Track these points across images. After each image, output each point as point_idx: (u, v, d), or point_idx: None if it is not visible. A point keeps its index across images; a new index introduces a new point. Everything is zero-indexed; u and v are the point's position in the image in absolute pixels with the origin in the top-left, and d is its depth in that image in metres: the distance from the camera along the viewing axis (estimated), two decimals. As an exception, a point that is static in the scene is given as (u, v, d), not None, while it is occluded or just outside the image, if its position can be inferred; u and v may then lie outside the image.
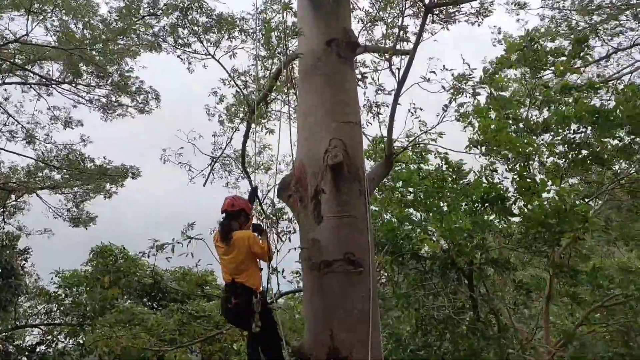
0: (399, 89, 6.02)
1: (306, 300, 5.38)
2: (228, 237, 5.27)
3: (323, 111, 5.74)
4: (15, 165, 18.72)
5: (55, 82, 16.63)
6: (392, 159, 6.29)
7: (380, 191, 10.15)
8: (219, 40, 7.14)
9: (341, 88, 5.96)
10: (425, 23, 6.40)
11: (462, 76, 7.37)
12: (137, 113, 17.01)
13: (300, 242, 5.48)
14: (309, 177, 5.49)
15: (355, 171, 5.43)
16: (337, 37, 6.15)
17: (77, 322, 16.04)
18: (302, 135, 5.87)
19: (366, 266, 5.06)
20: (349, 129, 5.68)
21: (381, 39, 8.18)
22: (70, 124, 17.80)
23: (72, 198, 19.25)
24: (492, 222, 8.80)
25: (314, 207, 5.28)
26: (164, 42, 7.77)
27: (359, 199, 5.36)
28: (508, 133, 8.81)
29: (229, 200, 5.55)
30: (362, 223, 5.27)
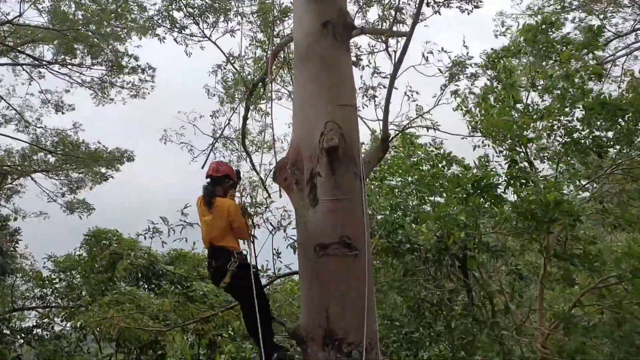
0: (395, 72, 5.99)
1: (302, 282, 5.39)
2: (211, 202, 5.48)
3: (318, 94, 5.70)
4: (10, 148, 18.67)
5: (47, 62, 16.47)
6: (387, 142, 6.28)
7: (371, 181, 10.18)
8: (216, 22, 7.07)
9: (337, 70, 5.91)
10: (422, 5, 6.35)
11: (459, 62, 7.36)
12: (131, 98, 16.87)
13: (296, 225, 5.49)
14: (304, 160, 5.47)
15: (350, 154, 5.41)
16: (333, 19, 6.07)
17: (72, 305, 16.08)
18: (297, 117, 5.84)
19: (362, 249, 5.07)
20: (345, 112, 5.64)
21: (377, 21, 8.13)
22: (62, 108, 17.69)
23: (67, 183, 19.20)
24: (485, 208, 8.82)
25: (310, 190, 5.27)
26: (160, 27, 7.69)
27: (355, 182, 5.35)
28: (503, 120, 8.78)
29: (213, 165, 5.77)
30: (358, 206, 5.27)
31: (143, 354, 15.49)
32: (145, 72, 16.12)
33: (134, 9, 14.36)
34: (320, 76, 5.82)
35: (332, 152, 5.22)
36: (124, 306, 9.99)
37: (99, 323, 9.82)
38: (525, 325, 9.99)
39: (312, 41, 5.98)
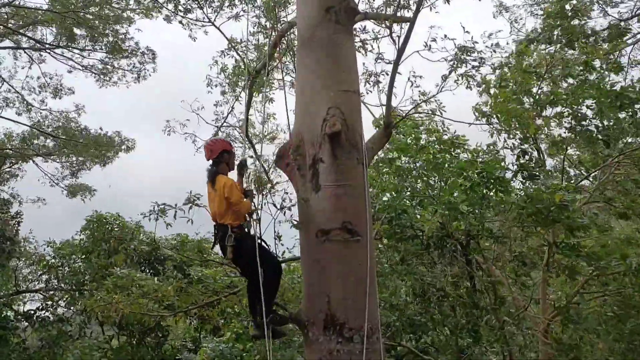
0: (399, 57, 5.96)
1: (304, 268, 5.41)
2: (214, 180, 5.66)
3: (321, 79, 5.67)
4: (10, 131, 18.66)
5: (49, 46, 16.39)
6: (390, 127, 6.26)
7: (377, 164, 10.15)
8: (220, 7, 7.02)
9: (340, 56, 5.87)
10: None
11: (464, 47, 7.30)
12: (134, 81, 16.81)
13: (298, 211, 5.50)
14: (307, 146, 5.46)
15: (353, 140, 5.39)
16: (336, 4, 6.03)
17: (75, 289, 16.16)
18: (300, 103, 5.82)
19: (364, 235, 5.07)
20: (348, 97, 5.62)
21: (382, 7, 8.06)
22: (60, 91, 17.64)
23: (69, 166, 19.21)
24: (490, 197, 8.79)
25: (312, 176, 5.26)
26: (164, 8, 7.64)
27: (357, 167, 5.34)
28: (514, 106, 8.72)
29: (207, 147, 5.88)
30: (360, 192, 5.26)
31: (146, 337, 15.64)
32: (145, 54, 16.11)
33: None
34: (323, 62, 5.78)
35: (334, 138, 5.20)
36: (127, 290, 10.04)
37: (102, 307, 9.89)
38: (526, 314, 10.02)
39: (315, 26, 5.94)
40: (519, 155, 9.34)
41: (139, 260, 15.54)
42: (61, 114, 18.29)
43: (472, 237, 9.28)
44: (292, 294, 9.94)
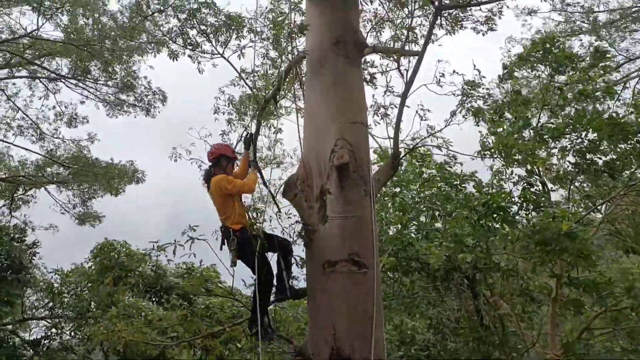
0: (407, 90, 6.02)
1: (310, 299, 5.39)
2: (208, 182, 5.79)
3: (329, 111, 5.74)
4: (24, 159, 18.90)
5: (64, 77, 16.73)
6: (398, 160, 6.29)
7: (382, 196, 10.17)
8: (228, 40, 7.15)
9: (348, 88, 5.95)
10: (434, 25, 6.39)
11: (472, 82, 7.39)
12: (143, 114, 17.13)
13: (305, 242, 5.50)
14: (314, 177, 5.50)
15: (360, 171, 5.43)
16: (345, 37, 6.14)
17: (81, 317, 16.09)
18: (308, 134, 5.88)
19: (370, 267, 5.06)
20: (355, 129, 5.68)
21: (389, 41, 8.18)
22: (75, 121, 17.92)
23: (80, 194, 19.36)
24: (496, 229, 8.77)
25: (319, 207, 5.29)
26: (174, 43, 7.78)
27: (365, 199, 5.36)
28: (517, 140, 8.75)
29: (209, 152, 6.06)
30: (367, 224, 5.27)
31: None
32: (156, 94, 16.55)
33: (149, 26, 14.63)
34: (331, 93, 5.87)
35: (342, 169, 5.24)
36: (132, 320, 10.01)
37: (106, 336, 9.85)
38: (535, 349, 9.87)
39: (324, 58, 6.04)
40: (524, 187, 9.32)
41: (145, 289, 15.49)
42: (74, 142, 18.57)
43: (478, 270, 9.22)
44: (297, 326, 9.85)
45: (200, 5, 7.20)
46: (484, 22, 7.19)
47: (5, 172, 18.93)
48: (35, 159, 18.75)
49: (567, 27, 15.76)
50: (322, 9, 6.41)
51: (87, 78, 16.63)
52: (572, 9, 15.42)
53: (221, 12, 7.19)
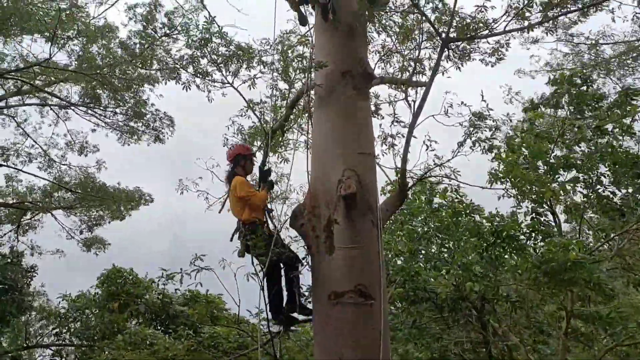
0: (414, 121, 6.05)
1: (316, 330, 5.34)
2: (230, 182, 6.11)
3: (337, 141, 5.78)
4: (32, 185, 19.04)
5: (74, 105, 16.95)
6: (405, 190, 6.29)
7: (391, 223, 10.14)
8: (238, 70, 7.23)
9: (355, 119, 6.00)
10: (441, 57, 6.45)
11: (479, 114, 7.43)
12: (152, 141, 17.30)
13: (311, 272, 5.47)
14: (321, 207, 5.49)
15: (368, 202, 5.43)
16: (353, 68, 6.21)
17: (86, 345, 15.97)
18: (315, 164, 5.90)
19: (377, 298, 5.02)
20: (363, 159, 5.70)
21: (397, 72, 8.25)
22: (86, 149, 18.10)
23: (87, 220, 19.42)
24: (505, 259, 8.71)
25: (326, 237, 5.26)
26: (184, 71, 7.89)
27: (372, 230, 5.35)
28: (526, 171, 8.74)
29: (227, 153, 6.48)
30: (374, 255, 5.25)
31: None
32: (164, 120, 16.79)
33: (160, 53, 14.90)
34: (339, 124, 5.91)
35: (349, 199, 5.24)
36: (138, 348, 9.93)
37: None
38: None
39: (332, 89, 6.10)
40: (534, 218, 9.29)
41: (151, 317, 15.37)
42: (81, 169, 18.73)
43: (487, 300, 9.12)
44: (303, 356, 9.74)
45: (212, 35, 7.31)
46: (491, 54, 7.24)
47: (13, 198, 19.06)
48: (42, 184, 18.90)
49: (575, 59, 15.87)
50: (330, 40, 6.50)
51: (97, 106, 16.84)
52: (577, 40, 15.54)
53: (232, 42, 7.29)
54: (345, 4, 6.57)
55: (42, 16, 13.68)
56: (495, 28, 6.61)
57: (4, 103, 17.26)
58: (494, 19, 6.59)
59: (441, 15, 7.06)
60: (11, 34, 14.41)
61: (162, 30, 13.24)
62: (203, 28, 7.44)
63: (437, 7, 7.10)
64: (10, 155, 18.01)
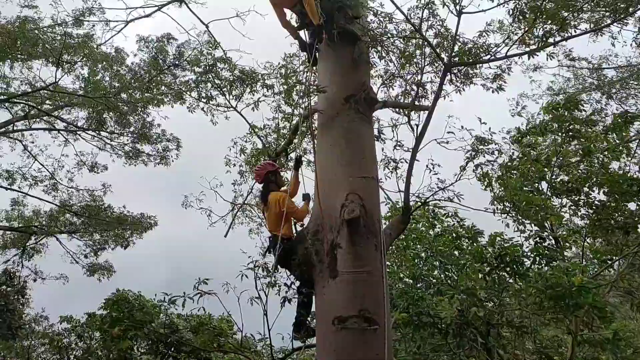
0: (417, 145, 6.08)
1: (319, 356, 5.28)
2: (266, 199, 6.21)
3: (340, 165, 5.79)
4: (38, 208, 19.10)
5: (80, 129, 17.10)
6: (409, 214, 6.28)
7: (394, 249, 10.11)
8: (241, 94, 7.33)
9: (359, 143, 6.02)
10: (444, 81, 6.50)
11: (481, 138, 7.46)
12: (158, 164, 17.41)
13: (315, 297, 5.45)
14: (325, 231, 5.48)
15: (371, 226, 5.41)
16: (356, 93, 6.25)
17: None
18: (319, 188, 5.90)
19: (381, 323, 4.97)
20: (366, 183, 5.71)
21: (400, 96, 8.30)
22: (96, 168, 18.20)
23: (91, 245, 19.41)
24: (509, 284, 8.66)
25: (330, 262, 5.25)
26: (189, 96, 8.01)
27: (375, 254, 5.32)
28: (528, 193, 8.74)
29: (255, 174, 6.59)
30: (378, 279, 5.21)
31: None
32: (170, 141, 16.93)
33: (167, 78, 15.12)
34: (342, 148, 5.93)
35: (353, 223, 5.23)
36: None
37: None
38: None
39: (335, 113, 6.14)
40: (537, 241, 9.25)
41: (156, 345, 15.20)
42: (88, 191, 18.83)
43: (492, 325, 9.03)
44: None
45: (216, 61, 7.41)
46: (493, 80, 7.29)
47: (19, 222, 19.11)
48: (49, 208, 18.96)
49: (577, 83, 15.97)
50: (333, 66, 6.56)
51: (103, 129, 16.99)
52: (579, 64, 15.64)
53: (236, 67, 7.39)
54: (347, 29, 6.63)
55: (48, 41, 13.87)
56: (498, 52, 6.66)
57: (11, 127, 17.41)
58: (496, 44, 6.66)
59: (443, 41, 7.12)
60: (18, 58, 14.60)
61: (172, 60, 13.46)
62: (207, 53, 7.57)
63: (440, 32, 7.17)
64: (17, 179, 18.12)
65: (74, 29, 14.36)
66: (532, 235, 9.30)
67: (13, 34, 13.37)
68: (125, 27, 13.81)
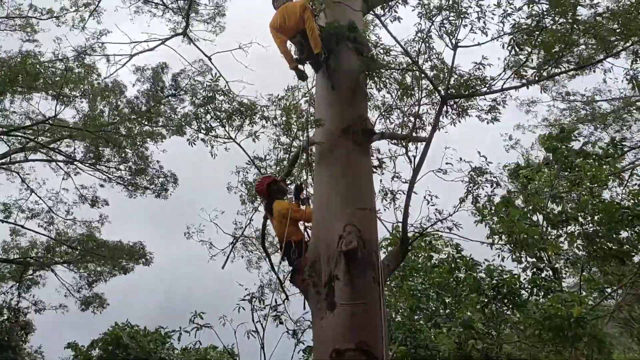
0: (414, 177, 6.09)
1: (317, 390, 5.22)
2: (270, 211, 6.34)
3: (338, 196, 5.80)
4: (34, 240, 19.01)
5: (77, 161, 17.16)
6: (406, 245, 6.26)
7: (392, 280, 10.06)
8: (241, 125, 7.38)
9: (356, 174, 6.04)
10: (441, 113, 6.56)
11: (478, 169, 7.49)
12: (154, 196, 17.44)
13: (313, 329, 5.39)
14: (322, 262, 5.46)
15: (369, 258, 5.39)
16: (353, 124, 6.30)
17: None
18: (316, 219, 5.90)
19: (380, 356, 4.91)
20: (364, 215, 5.70)
21: (397, 127, 8.36)
22: (97, 203, 18.20)
23: (86, 277, 19.27)
24: (507, 316, 8.61)
25: (327, 294, 5.21)
26: (189, 128, 8.07)
27: (373, 286, 5.28)
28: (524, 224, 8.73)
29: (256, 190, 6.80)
30: (377, 311, 5.16)
31: None
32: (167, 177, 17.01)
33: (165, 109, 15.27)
34: (340, 179, 5.95)
35: (350, 255, 5.20)
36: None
37: None
38: None
39: (332, 145, 6.18)
40: (534, 272, 9.23)
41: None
42: (84, 223, 18.77)
43: (490, 358, 8.93)
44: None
45: (216, 93, 7.47)
46: (488, 112, 7.36)
47: (16, 253, 19.02)
48: (45, 240, 18.89)
49: (572, 114, 16.16)
50: (331, 96, 6.62)
51: (100, 163, 17.06)
52: (573, 98, 15.87)
53: (235, 99, 7.45)
54: (345, 61, 6.73)
55: (49, 76, 14.02)
56: (493, 85, 6.74)
57: (8, 159, 17.47)
58: (492, 77, 6.73)
59: (439, 73, 7.20)
60: (18, 92, 14.74)
61: (170, 90, 13.62)
62: (208, 86, 7.63)
63: (436, 65, 7.26)
64: (12, 211, 18.09)
65: (75, 64, 14.52)
66: (529, 266, 9.27)
67: (15, 68, 13.52)
68: (129, 61, 14.03)
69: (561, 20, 6.64)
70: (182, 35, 13.14)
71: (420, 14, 6.59)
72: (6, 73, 13.39)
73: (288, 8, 6.78)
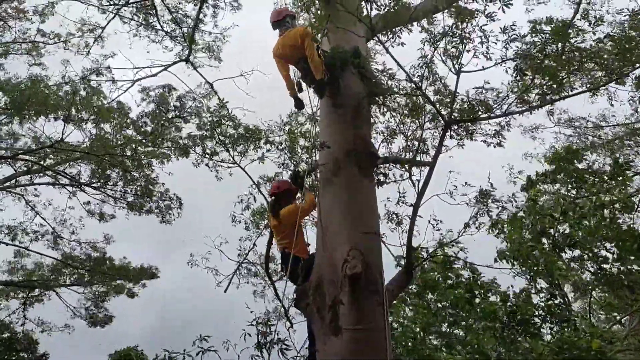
0: (419, 201, 6.09)
1: (321, 416, 5.17)
2: (277, 214, 6.35)
3: (342, 221, 5.80)
4: (40, 261, 19.06)
5: (83, 184, 17.26)
6: (412, 270, 6.24)
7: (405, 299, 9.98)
8: (246, 150, 7.45)
9: (360, 198, 6.05)
10: (444, 138, 6.59)
11: (484, 193, 7.51)
12: (161, 221, 17.50)
13: (317, 354, 5.36)
14: (327, 287, 5.45)
15: (374, 282, 5.38)
16: (357, 148, 6.33)
17: None
18: (320, 243, 5.90)
19: (385, 382, 4.89)
20: (368, 239, 5.70)
21: (401, 151, 8.40)
22: (105, 218, 18.27)
23: (92, 297, 19.28)
24: (520, 343, 8.49)
25: (331, 318, 5.18)
26: (193, 151, 8.15)
27: (378, 310, 5.26)
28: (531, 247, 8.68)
29: (274, 184, 6.83)
30: (381, 336, 5.14)
31: None
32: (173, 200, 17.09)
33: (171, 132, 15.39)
34: (344, 203, 5.96)
35: (355, 279, 5.19)
36: None
37: None
38: None
39: (337, 169, 6.20)
40: (548, 298, 9.12)
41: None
42: (89, 244, 18.85)
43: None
44: None
45: (221, 119, 7.55)
46: (493, 136, 7.40)
47: (21, 275, 19.06)
48: (51, 261, 18.93)
49: (578, 140, 16.17)
50: (335, 120, 6.66)
51: (105, 186, 17.16)
52: (577, 123, 15.90)
53: (240, 125, 7.53)
54: (349, 86, 6.79)
55: (57, 100, 14.19)
56: (497, 109, 6.78)
57: (13, 182, 17.60)
58: (494, 101, 6.78)
59: (443, 98, 7.26)
60: (26, 116, 14.91)
61: (174, 112, 13.76)
62: (214, 110, 7.72)
63: (439, 89, 7.32)
64: (17, 234, 18.16)
65: (81, 87, 14.72)
66: (543, 290, 9.17)
67: (26, 93, 13.72)
68: (131, 86, 14.21)
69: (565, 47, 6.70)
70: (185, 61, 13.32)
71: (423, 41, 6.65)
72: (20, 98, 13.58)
73: (289, 35, 6.85)
